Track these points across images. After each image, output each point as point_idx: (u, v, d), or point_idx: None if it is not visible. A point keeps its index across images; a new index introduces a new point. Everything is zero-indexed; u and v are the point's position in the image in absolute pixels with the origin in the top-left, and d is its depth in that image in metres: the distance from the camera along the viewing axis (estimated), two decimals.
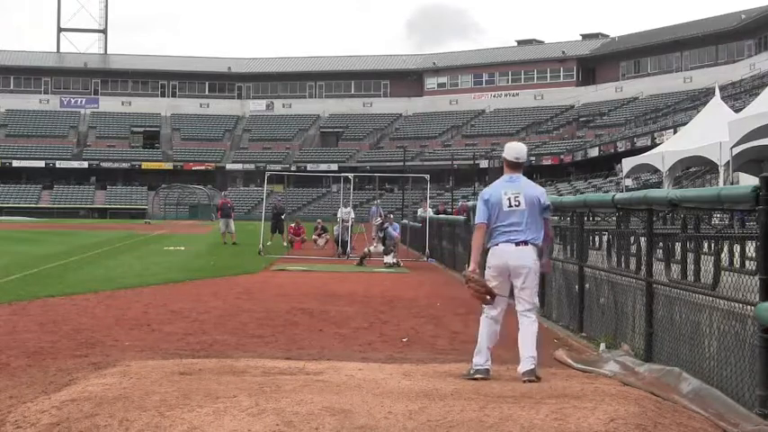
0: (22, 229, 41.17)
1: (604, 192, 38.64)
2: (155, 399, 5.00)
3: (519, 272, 6.17)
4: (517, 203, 6.23)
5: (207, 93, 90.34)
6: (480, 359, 6.15)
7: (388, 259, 19.46)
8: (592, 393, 5.47)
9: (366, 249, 20.10)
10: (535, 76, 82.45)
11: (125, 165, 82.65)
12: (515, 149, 6.51)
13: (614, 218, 8.19)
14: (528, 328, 6.14)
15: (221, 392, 5.20)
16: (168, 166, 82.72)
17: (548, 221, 6.47)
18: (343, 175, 27.33)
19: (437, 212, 28.44)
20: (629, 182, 37.67)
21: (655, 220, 6.97)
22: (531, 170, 72.17)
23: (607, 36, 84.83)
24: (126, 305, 10.60)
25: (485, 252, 6.34)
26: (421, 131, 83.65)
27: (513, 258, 6.16)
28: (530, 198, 6.29)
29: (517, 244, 6.16)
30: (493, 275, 6.24)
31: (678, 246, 6.45)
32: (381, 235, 20.23)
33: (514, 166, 6.49)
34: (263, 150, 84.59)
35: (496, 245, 6.24)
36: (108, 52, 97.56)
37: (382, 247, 19.96)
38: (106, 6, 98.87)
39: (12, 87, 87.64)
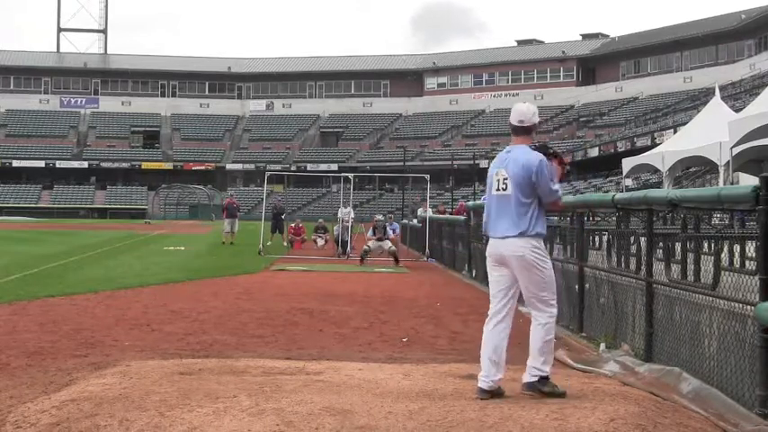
0: (22, 229, 41.17)
1: (604, 192, 38.63)
2: (155, 399, 5.00)
3: (516, 263, 5.35)
4: (504, 187, 5.37)
5: (207, 93, 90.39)
6: (481, 372, 5.38)
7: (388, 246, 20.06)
8: (592, 393, 5.47)
9: (366, 246, 20.13)
10: (535, 76, 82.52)
11: (125, 165, 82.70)
12: (517, 110, 5.46)
13: (614, 218, 8.19)
14: (534, 333, 5.44)
15: (221, 392, 5.21)
16: (168, 166, 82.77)
17: (549, 198, 5.39)
18: (343, 175, 27.35)
19: (437, 212, 28.41)
20: (629, 182, 37.66)
21: (655, 220, 6.97)
22: None
23: (607, 36, 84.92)
24: (126, 305, 10.60)
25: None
26: (421, 131, 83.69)
27: (506, 248, 5.35)
28: (516, 177, 5.33)
29: (504, 238, 5.36)
30: (492, 266, 5.50)
31: (678, 246, 6.45)
32: (382, 234, 20.34)
33: (516, 131, 5.47)
34: (263, 150, 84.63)
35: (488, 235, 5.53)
36: (108, 52, 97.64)
37: (380, 243, 20.09)
38: (106, 6, 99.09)
39: (12, 87, 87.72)
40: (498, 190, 5.40)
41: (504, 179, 5.36)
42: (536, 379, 5.37)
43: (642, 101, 73.15)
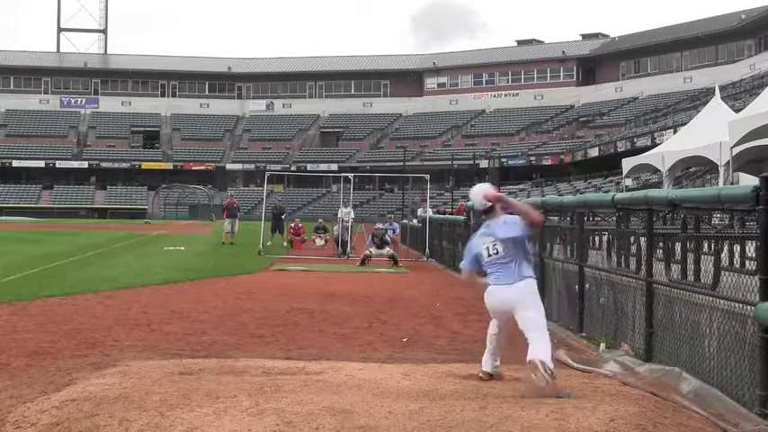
0: (22, 229, 41.16)
1: (604, 192, 38.62)
2: (155, 399, 5.00)
3: (518, 305, 5.89)
4: (495, 252, 6.04)
5: (207, 93, 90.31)
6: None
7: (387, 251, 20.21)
8: (592, 393, 5.47)
9: (367, 251, 20.14)
10: (535, 76, 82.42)
11: (125, 165, 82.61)
12: (471, 197, 6.30)
13: (614, 218, 8.18)
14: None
15: (221, 392, 5.20)
16: (168, 166, 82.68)
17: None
18: (343, 175, 27.35)
19: (437, 213, 28.42)
20: (629, 182, 37.62)
21: (655, 220, 6.97)
22: (532, 170, 72.37)
23: (607, 36, 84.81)
24: (126, 305, 10.60)
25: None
26: (421, 131, 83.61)
27: (509, 300, 5.92)
28: (505, 240, 6.05)
29: (509, 285, 5.92)
30: (493, 313, 6.13)
31: (678, 246, 6.45)
32: (383, 239, 20.44)
33: (481, 213, 6.29)
34: (263, 150, 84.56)
35: (490, 285, 6.09)
36: (108, 52, 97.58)
37: (380, 250, 20.18)
38: (106, 6, 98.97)
39: (12, 87, 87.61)
40: (491, 256, 6.11)
41: (495, 245, 6.07)
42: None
43: (642, 101, 73.07)
